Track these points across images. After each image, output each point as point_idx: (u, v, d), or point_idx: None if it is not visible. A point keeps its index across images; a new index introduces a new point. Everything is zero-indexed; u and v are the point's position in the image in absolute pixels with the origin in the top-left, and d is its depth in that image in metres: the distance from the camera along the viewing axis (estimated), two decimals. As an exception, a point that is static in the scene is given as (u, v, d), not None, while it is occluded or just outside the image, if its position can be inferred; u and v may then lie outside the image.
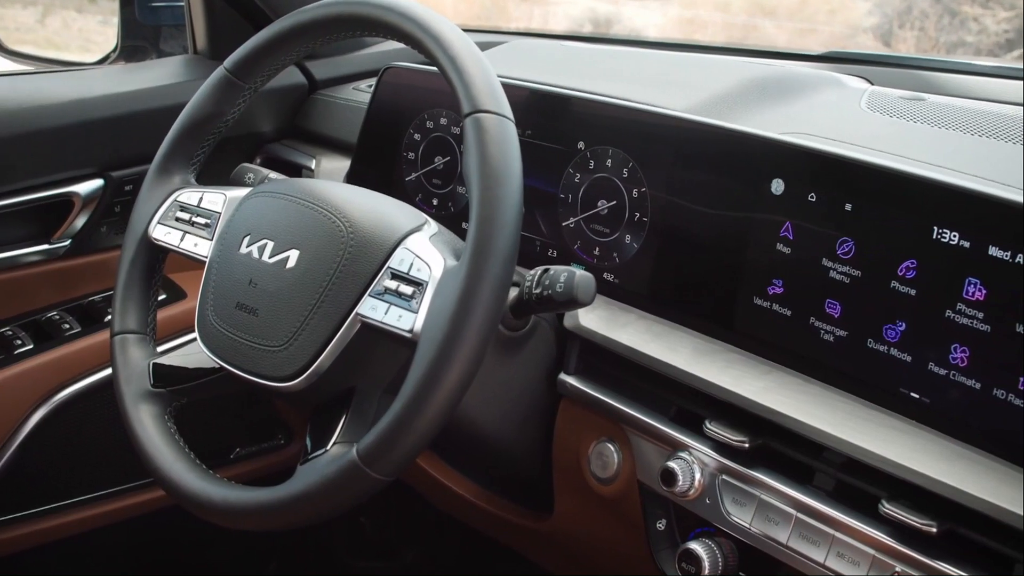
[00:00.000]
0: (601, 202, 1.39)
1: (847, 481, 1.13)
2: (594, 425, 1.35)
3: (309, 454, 1.14)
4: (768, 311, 1.22)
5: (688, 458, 1.22)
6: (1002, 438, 1.04)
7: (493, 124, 1.09)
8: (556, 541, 1.52)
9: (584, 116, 1.42)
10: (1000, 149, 1.30)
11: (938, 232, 1.08)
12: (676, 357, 1.26)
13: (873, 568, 1.07)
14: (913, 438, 1.09)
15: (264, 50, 1.34)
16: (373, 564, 2.39)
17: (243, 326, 1.20)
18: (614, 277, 1.38)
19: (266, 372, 1.17)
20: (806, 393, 1.17)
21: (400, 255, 1.13)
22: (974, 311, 1.05)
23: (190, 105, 1.38)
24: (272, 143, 1.97)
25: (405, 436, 1.04)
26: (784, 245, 1.21)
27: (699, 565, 1.19)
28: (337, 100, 1.95)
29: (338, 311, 1.14)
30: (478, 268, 1.04)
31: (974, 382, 1.06)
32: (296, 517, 1.12)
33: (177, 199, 1.36)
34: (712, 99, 1.47)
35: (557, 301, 1.16)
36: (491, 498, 1.62)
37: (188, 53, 2.02)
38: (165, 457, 1.24)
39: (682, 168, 1.31)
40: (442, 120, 1.57)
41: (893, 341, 1.12)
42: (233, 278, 1.23)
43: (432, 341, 1.04)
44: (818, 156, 1.19)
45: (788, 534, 1.14)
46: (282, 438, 2.04)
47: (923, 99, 1.52)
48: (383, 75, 1.67)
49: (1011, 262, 1.03)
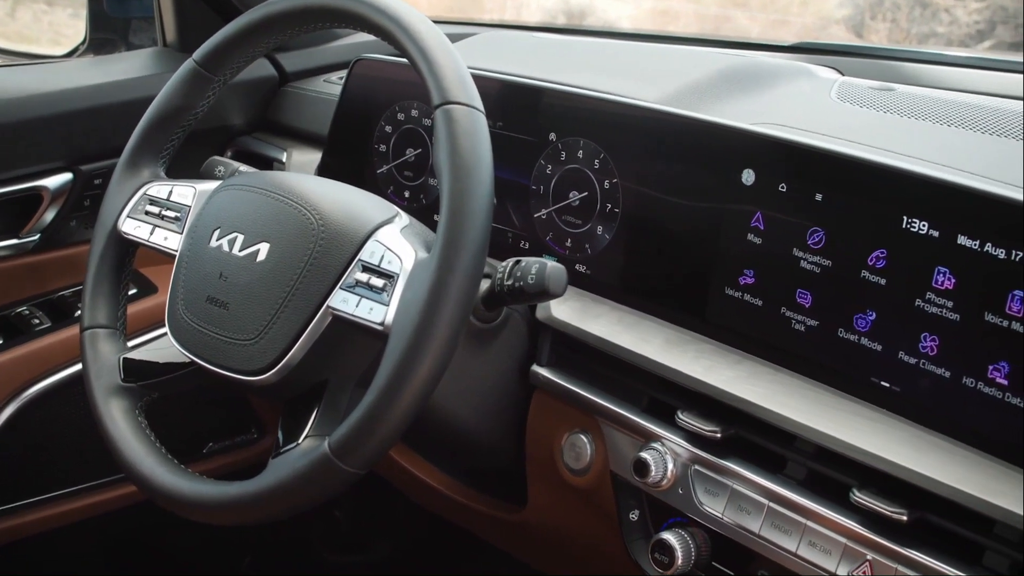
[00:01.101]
0: (573, 193, 1.39)
1: (818, 470, 1.14)
2: (567, 416, 1.35)
3: (281, 448, 1.13)
4: (739, 301, 1.22)
5: (661, 449, 1.22)
6: (971, 426, 1.05)
7: (463, 115, 1.09)
8: (530, 532, 1.52)
9: (555, 107, 1.42)
10: (969, 139, 1.30)
11: (907, 222, 1.08)
12: (648, 348, 1.26)
13: (844, 556, 1.08)
14: (883, 427, 1.09)
15: (233, 42, 1.33)
16: (348, 558, 2.38)
17: (214, 320, 1.19)
18: (586, 268, 1.38)
19: (237, 366, 1.17)
20: (777, 383, 1.18)
21: (371, 247, 1.13)
22: (943, 300, 1.06)
23: (159, 98, 1.37)
24: (243, 136, 1.96)
25: (377, 429, 1.03)
26: (755, 235, 1.21)
27: (672, 555, 1.19)
28: (308, 92, 1.94)
29: (309, 304, 1.13)
30: (449, 260, 1.03)
31: (944, 371, 1.06)
32: (268, 511, 1.11)
33: (146, 192, 1.36)
34: (683, 90, 1.47)
35: (529, 293, 1.16)
36: (465, 490, 1.62)
37: (157, 46, 2.01)
38: (136, 452, 1.23)
39: (653, 159, 1.31)
40: (413, 112, 1.57)
41: (863, 330, 1.12)
42: (203, 272, 1.22)
43: (403, 333, 1.03)
44: (788, 146, 1.19)
45: (760, 523, 1.14)
46: (255, 432, 2.03)
47: (893, 89, 1.52)
48: (354, 67, 1.66)
49: (979, 251, 1.03)
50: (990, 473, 1.01)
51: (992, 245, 1.02)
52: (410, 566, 2.36)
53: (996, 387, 1.02)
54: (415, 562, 2.36)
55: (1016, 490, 0.99)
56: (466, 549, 2.20)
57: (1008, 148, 1.27)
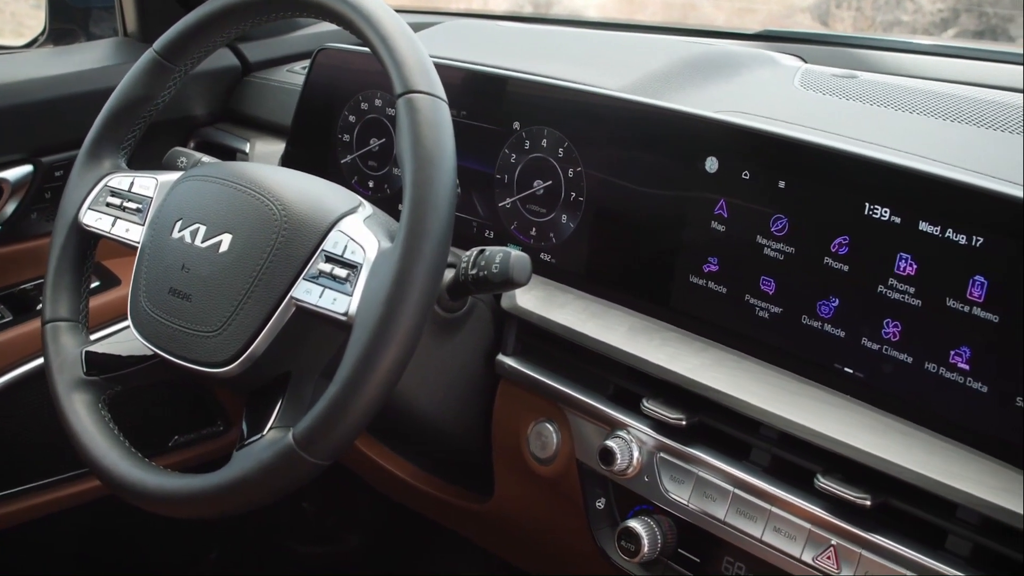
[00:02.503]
0: (537, 182, 1.39)
1: (783, 456, 1.14)
2: (533, 406, 1.35)
3: (245, 440, 1.13)
4: (704, 289, 1.23)
5: (626, 436, 1.22)
6: (934, 411, 1.05)
7: (426, 105, 1.08)
8: (497, 522, 1.52)
9: (519, 96, 1.42)
10: (930, 126, 1.31)
11: (870, 208, 1.08)
12: (613, 336, 1.26)
13: (809, 542, 1.08)
14: (847, 412, 1.10)
15: (194, 32, 1.32)
16: (316, 549, 2.38)
17: (176, 312, 1.18)
18: (551, 257, 1.38)
19: (200, 358, 1.16)
20: (742, 370, 1.18)
21: (334, 238, 1.12)
22: (905, 286, 1.06)
23: (119, 88, 1.36)
24: (206, 127, 1.94)
25: (341, 420, 1.03)
26: (719, 223, 1.21)
27: (638, 543, 1.20)
28: (271, 82, 1.93)
29: (272, 295, 1.13)
30: (412, 249, 1.03)
31: (906, 356, 1.07)
32: (232, 504, 1.11)
33: (108, 184, 1.34)
34: (647, 78, 1.47)
35: (493, 282, 1.16)
36: (431, 481, 1.62)
37: (118, 36, 1.99)
38: (99, 446, 1.22)
39: (617, 147, 1.31)
40: (377, 101, 1.56)
41: (827, 317, 1.13)
42: (165, 263, 1.21)
43: (367, 324, 1.03)
44: (751, 134, 1.20)
45: (725, 510, 1.15)
46: (221, 424, 2.02)
47: (856, 77, 1.53)
48: (317, 56, 1.65)
49: (941, 237, 1.03)
50: (952, 458, 1.02)
51: (953, 231, 1.03)
52: (379, 557, 2.35)
53: (958, 372, 1.03)
54: (384, 553, 2.35)
55: (978, 474, 1.00)
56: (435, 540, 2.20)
57: (969, 135, 1.28)
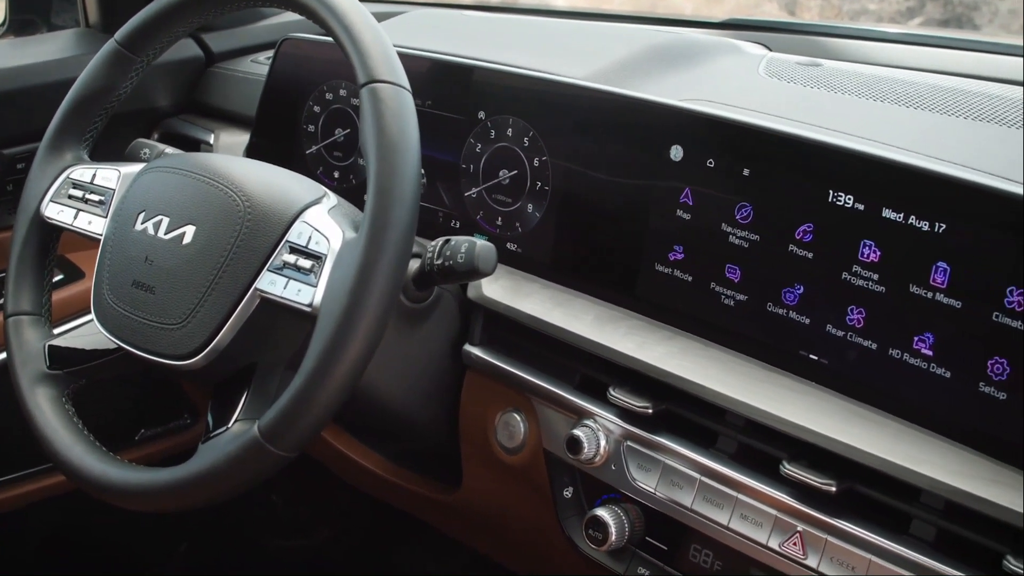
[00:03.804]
0: (503, 172, 1.38)
1: (749, 444, 1.14)
2: (500, 395, 1.35)
3: (210, 432, 1.12)
4: (669, 277, 1.23)
5: (593, 425, 1.22)
6: (898, 397, 1.06)
7: (389, 94, 1.08)
8: (466, 512, 1.52)
9: (484, 86, 1.41)
10: (893, 113, 1.31)
11: (833, 195, 1.09)
12: (579, 325, 1.26)
13: (775, 529, 1.09)
14: (812, 399, 1.10)
15: (156, 22, 1.31)
16: (287, 542, 2.37)
17: (140, 304, 1.17)
18: (517, 247, 1.38)
19: (165, 350, 1.16)
20: (707, 357, 1.18)
21: (298, 228, 1.12)
22: (869, 272, 1.07)
23: (80, 79, 1.35)
24: (169, 118, 1.93)
25: (306, 411, 1.03)
26: (684, 211, 1.21)
27: (606, 531, 1.20)
28: (235, 73, 1.92)
29: (236, 287, 1.12)
30: (376, 240, 1.03)
31: (870, 343, 1.07)
32: (198, 497, 1.10)
33: (70, 176, 1.33)
34: (611, 67, 1.47)
35: (458, 272, 1.16)
36: (400, 472, 1.62)
37: (80, 26, 1.97)
38: (63, 440, 1.22)
39: (582, 136, 1.31)
40: (341, 92, 1.56)
41: (792, 304, 1.13)
42: (128, 255, 1.20)
43: (331, 314, 1.03)
44: (716, 122, 1.20)
45: (692, 498, 1.15)
46: (188, 417, 2.01)
47: (820, 65, 1.53)
48: (281, 46, 1.64)
49: (904, 224, 1.04)
50: (916, 443, 1.03)
51: (916, 218, 1.03)
52: (351, 549, 2.35)
53: (921, 358, 1.04)
54: (356, 545, 2.35)
55: (941, 459, 1.00)
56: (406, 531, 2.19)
57: (932, 122, 1.28)
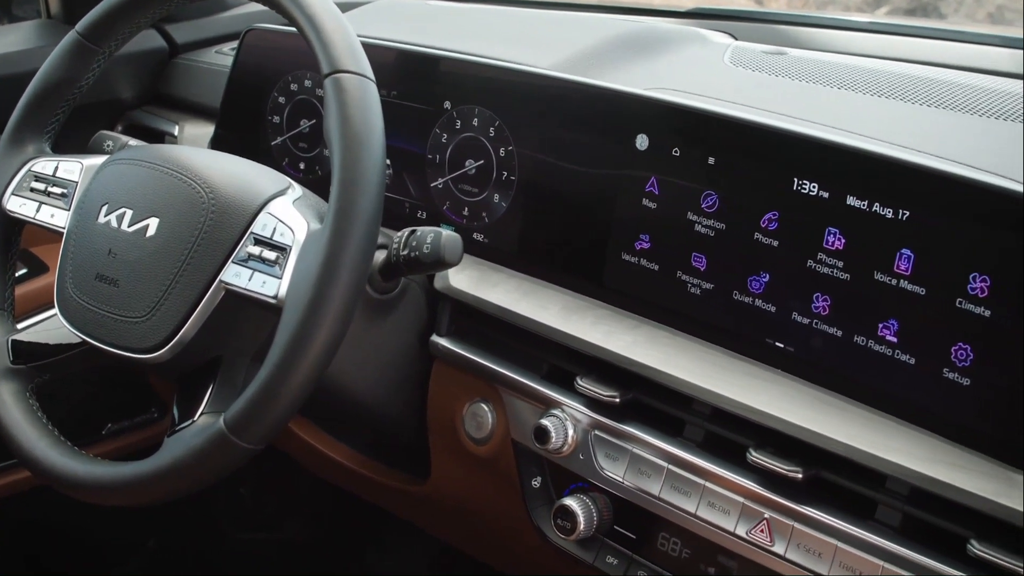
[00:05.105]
0: (469, 162, 1.38)
1: (716, 432, 1.15)
2: (467, 386, 1.34)
3: (176, 426, 1.12)
4: (636, 266, 1.23)
5: (561, 415, 1.22)
6: (863, 384, 1.06)
7: (353, 85, 1.07)
8: (435, 503, 1.52)
9: (449, 76, 1.41)
10: (857, 101, 1.32)
11: (798, 183, 1.09)
12: (546, 315, 1.26)
13: (743, 516, 1.09)
14: (778, 387, 1.11)
15: (118, 12, 1.30)
16: (256, 535, 2.36)
17: (104, 298, 1.16)
18: (484, 237, 1.38)
19: (129, 344, 1.15)
20: (674, 346, 1.19)
21: (263, 220, 1.11)
22: (834, 260, 1.07)
23: (41, 71, 1.33)
24: (133, 110, 1.92)
25: (272, 404, 1.02)
26: (650, 200, 1.21)
27: (574, 520, 1.20)
28: (199, 64, 1.91)
29: (201, 279, 1.11)
30: (341, 231, 1.02)
31: (835, 330, 1.08)
32: (164, 490, 1.09)
33: (31, 169, 1.32)
34: (577, 56, 1.47)
35: (424, 262, 1.16)
36: (369, 464, 1.62)
37: (41, 17, 1.95)
38: (28, 436, 1.21)
39: (548, 126, 1.31)
40: (307, 82, 1.55)
41: (757, 292, 1.13)
42: (92, 248, 1.19)
43: (297, 306, 1.02)
44: (681, 111, 1.20)
45: (660, 486, 1.15)
46: (155, 411, 2.00)
47: (785, 53, 1.53)
48: (245, 37, 1.63)
49: (868, 211, 1.04)
50: (881, 429, 1.03)
51: (880, 205, 1.04)
52: (320, 542, 2.34)
53: (886, 344, 1.04)
54: (325, 537, 2.34)
55: (906, 445, 1.01)
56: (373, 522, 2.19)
57: (897, 109, 1.29)
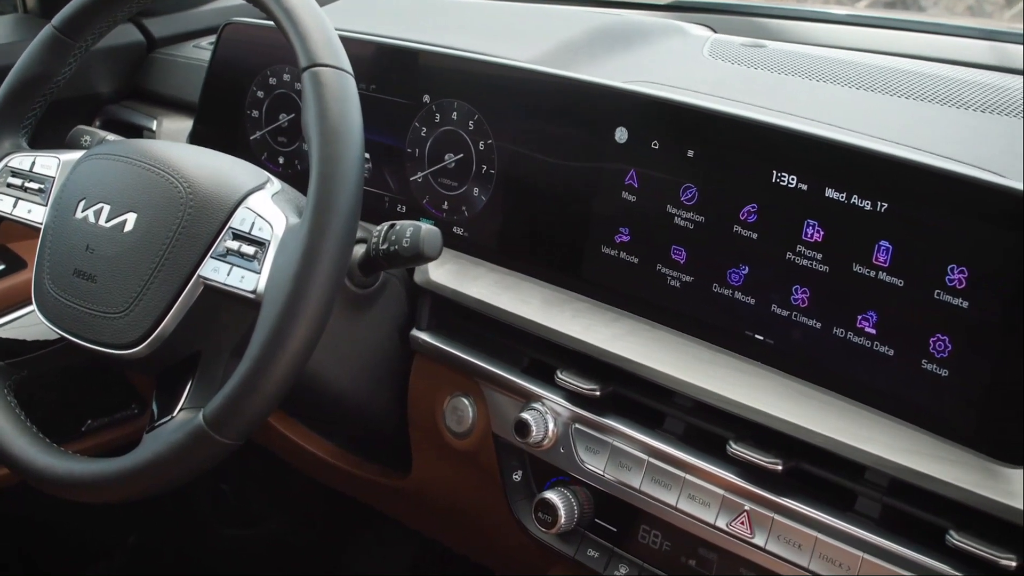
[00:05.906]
0: (448, 156, 1.38)
1: (696, 424, 1.15)
2: (448, 380, 1.34)
3: (155, 421, 1.11)
4: (615, 259, 1.23)
5: (541, 409, 1.22)
6: (842, 376, 1.07)
7: (331, 78, 1.07)
8: (416, 498, 1.52)
9: (428, 69, 1.40)
10: (836, 93, 1.33)
11: (777, 176, 1.09)
12: (526, 308, 1.26)
13: (723, 508, 1.09)
14: (758, 379, 1.11)
15: (95, 6, 1.29)
16: (238, 532, 2.36)
17: (82, 293, 1.16)
18: (463, 231, 1.37)
19: (108, 340, 1.14)
20: (654, 339, 1.19)
21: (241, 215, 1.11)
22: (813, 252, 1.07)
23: (17, 66, 1.33)
24: (111, 104, 1.91)
25: (251, 399, 1.02)
26: (629, 193, 1.21)
27: (555, 514, 1.20)
28: (177, 58, 1.90)
29: (179, 274, 1.11)
30: (319, 225, 1.02)
31: (815, 322, 1.08)
32: (143, 487, 1.09)
33: (8, 164, 1.32)
34: (556, 49, 1.47)
35: (404, 256, 1.16)
36: (350, 459, 1.61)
37: (17, 11, 1.94)
38: (6, 433, 1.20)
39: (527, 119, 1.31)
40: (285, 76, 1.54)
41: (737, 285, 1.13)
42: (69, 244, 1.19)
43: (275, 301, 1.02)
44: (660, 104, 1.20)
45: (641, 479, 1.15)
46: (135, 407, 1.99)
47: (764, 46, 1.54)
48: (223, 31, 1.62)
49: (846, 203, 1.05)
50: (860, 421, 1.04)
51: (858, 197, 1.04)
52: (303, 537, 2.34)
53: (865, 336, 1.04)
54: (308, 533, 2.34)
55: (885, 437, 1.01)
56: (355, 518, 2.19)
57: (875, 101, 1.29)
